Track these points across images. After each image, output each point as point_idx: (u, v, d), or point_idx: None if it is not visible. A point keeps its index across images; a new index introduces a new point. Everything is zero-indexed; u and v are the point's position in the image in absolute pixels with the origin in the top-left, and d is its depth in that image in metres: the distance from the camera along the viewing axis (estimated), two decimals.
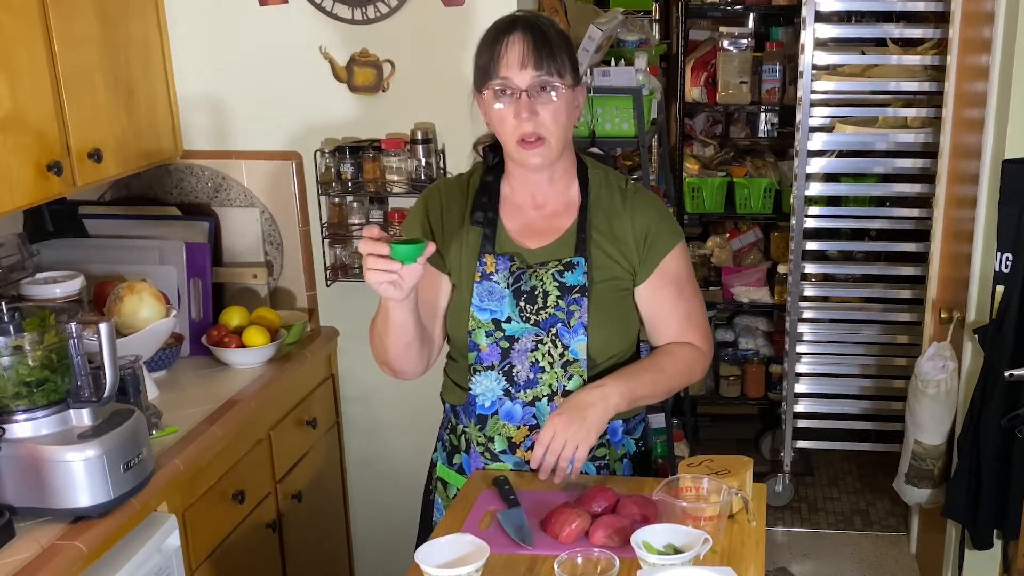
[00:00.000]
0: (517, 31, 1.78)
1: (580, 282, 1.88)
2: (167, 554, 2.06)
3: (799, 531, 3.86)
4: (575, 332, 1.89)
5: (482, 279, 1.90)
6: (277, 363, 2.68)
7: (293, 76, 2.82)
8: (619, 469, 2.02)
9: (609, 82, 3.05)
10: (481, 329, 1.91)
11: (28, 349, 1.86)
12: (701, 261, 4.53)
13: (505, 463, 1.96)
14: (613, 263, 1.91)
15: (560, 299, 1.88)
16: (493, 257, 1.90)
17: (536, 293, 1.89)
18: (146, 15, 2.68)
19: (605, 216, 1.91)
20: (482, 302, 1.90)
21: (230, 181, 2.89)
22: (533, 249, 1.92)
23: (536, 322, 1.89)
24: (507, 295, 1.89)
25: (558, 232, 1.92)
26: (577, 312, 1.88)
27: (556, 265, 1.89)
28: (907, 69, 3.56)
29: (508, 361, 1.91)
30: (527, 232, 1.93)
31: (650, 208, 1.93)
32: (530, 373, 1.91)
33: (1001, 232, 2.66)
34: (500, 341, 1.91)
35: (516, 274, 1.89)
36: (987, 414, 2.73)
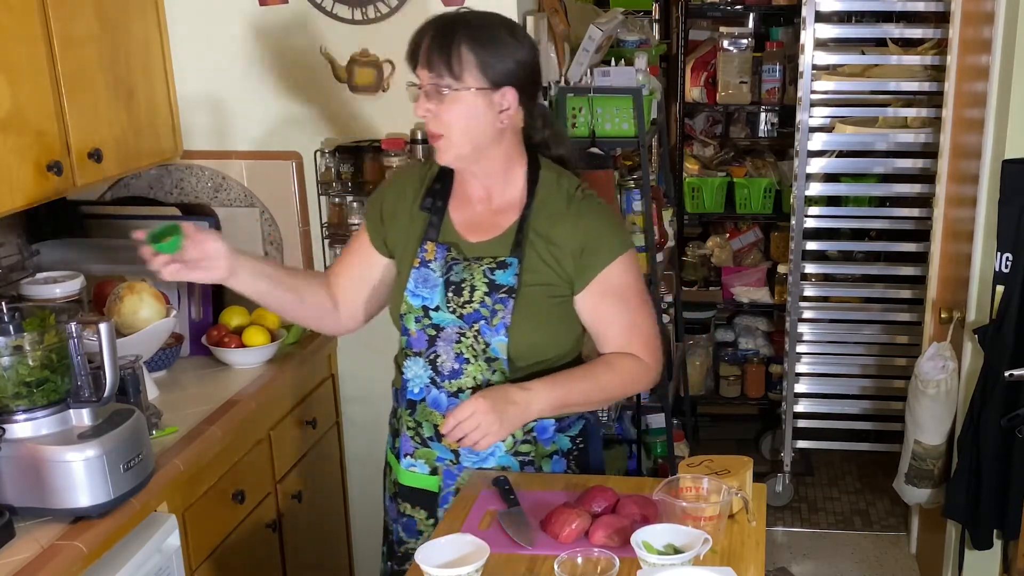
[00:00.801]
0: (428, 31, 1.84)
1: (509, 283, 1.89)
2: (167, 554, 2.06)
3: (799, 531, 3.86)
4: (496, 331, 1.90)
5: (420, 265, 1.94)
6: (277, 363, 2.68)
7: (293, 76, 2.82)
8: (547, 466, 2.02)
9: (609, 82, 3.05)
10: (411, 314, 1.95)
11: (28, 349, 1.86)
12: (701, 261, 4.53)
13: (433, 450, 2.00)
14: (548, 268, 1.91)
15: (487, 296, 1.90)
16: (434, 245, 1.94)
17: (463, 286, 1.91)
18: (146, 15, 2.68)
19: (548, 220, 1.91)
20: (416, 288, 1.94)
21: (230, 181, 2.89)
22: (472, 242, 1.94)
23: (461, 315, 1.92)
24: (440, 284, 1.92)
25: (499, 229, 1.94)
26: (501, 312, 1.89)
27: (490, 262, 1.91)
28: (907, 69, 3.56)
29: (434, 349, 1.95)
30: (471, 225, 1.96)
31: (595, 218, 1.92)
32: (455, 364, 1.94)
33: (1001, 232, 2.66)
34: (427, 328, 1.94)
35: (450, 264, 1.92)
36: (987, 414, 2.73)
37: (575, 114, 3.05)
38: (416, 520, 2.07)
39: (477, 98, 1.83)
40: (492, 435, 1.80)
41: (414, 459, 2.03)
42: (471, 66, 1.81)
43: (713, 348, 4.57)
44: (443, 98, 1.82)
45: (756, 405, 4.61)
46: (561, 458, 2.04)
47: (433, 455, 2.01)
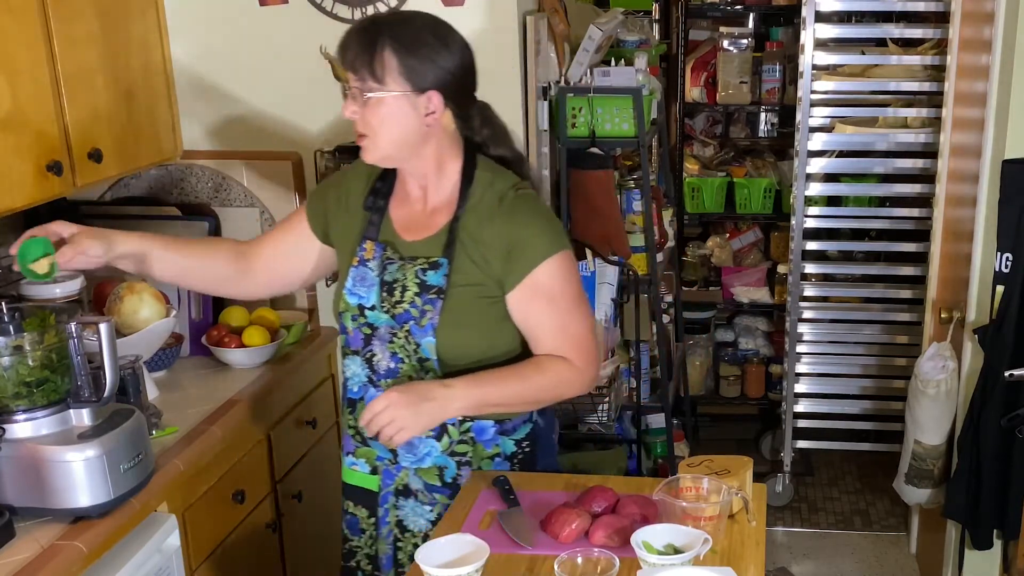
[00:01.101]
0: (352, 34, 1.84)
1: (439, 283, 1.90)
2: (167, 554, 2.06)
3: (799, 531, 3.86)
4: (425, 332, 1.90)
5: (359, 264, 1.96)
6: (277, 363, 2.68)
7: (293, 76, 2.82)
8: (488, 467, 2.01)
9: (609, 82, 3.06)
10: (348, 312, 1.97)
11: (28, 349, 1.86)
12: (701, 261, 4.53)
13: (373, 449, 2.01)
14: (477, 269, 1.90)
15: (417, 296, 1.90)
16: (372, 244, 1.96)
17: (396, 286, 1.92)
18: (146, 15, 2.68)
19: (479, 221, 1.91)
20: (354, 286, 1.96)
21: (230, 181, 2.89)
22: (408, 242, 1.95)
23: (393, 315, 1.92)
24: (376, 283, 1.94)
25: (433, 229, 1.94)
26: (430, 312, 1.89)
27: (422, 262, 1.92)
28: (907, 69, 3.56)
29: (370, 348, 1.96)
30: (408, 224, 1.97)
31: (525, 218, 1.90)
32: (391, 363, 1.94)
33: (1001, 232, 2.66)
34: (363, 327, 1.96)
35: (384, 263, 1.93)
36: (987, 414, 2.73)
37: (575, 114, 3.05)
38: (359, 518, 2.09)
39: (400, 102, 1.83)
40: (407, 429, 1.81)
41: (355, 458, 2.05)
42: (393, 71, 1.81)
43: (713, 348, 4.57)
44: (367, 101, 1.83)
45: (756, 405, 4.61)
46: (504, 461, 2.02)
47: (373, 454, 2.02)
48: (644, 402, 3.57)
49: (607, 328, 2.97)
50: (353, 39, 1.83)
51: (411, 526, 2.03)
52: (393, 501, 2.03)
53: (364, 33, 1.83)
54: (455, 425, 1.95)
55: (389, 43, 1.81)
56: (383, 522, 2.05)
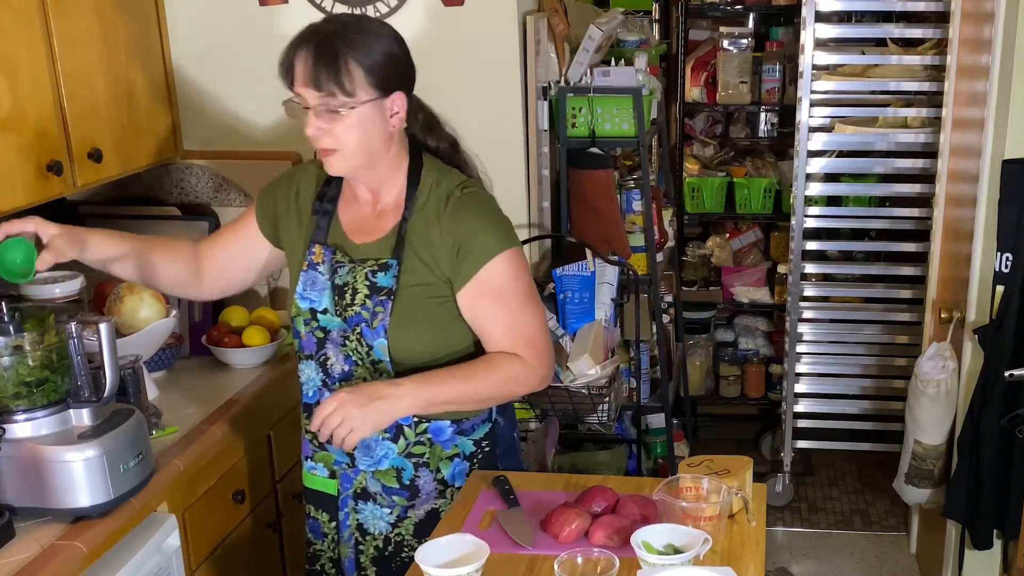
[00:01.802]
0: (303, 48, 1.78)
1: (389, 284, 1.89)
2: (167, 554, 2.06)
3: (799, 531, 3.86)
4: (376, 333, 1.90)
5: (308, 268, 1.95)
6: (277, 363, 2.68)
7: None
8: (446, 468, 2.00)
9: (609, 82, 3.05)
10: (300, 317, 1.97)
11: (28, 349, 1.86)
12: (701, 261, 4.53)
13: (331, 453, 2.01)
14: (425, 268, 1.90)
15: (368, 299, 1.90)
16: (322, 248, 1.95)
17: (346, 289, 1.91)
18: (146, 15, 2.68)
19: (425, 221, 1.90)
20: (304, 290, 1.95)
21: (230, 181, 2.89)
22: (357, 244, 1.94)
23: (345, 317, 1.92)
24: (327, 287, 1.93)
25: (382, 231, 1.93)
26: (380, 314, 1.89)
27: (372, 264, 1.91)
28: (907, 69, 3.56)
29: (323, 352, 1.96)
30: (357, 227, 1.96)
31: (472, 217, 1.90)
32: (344, 366, 1.95)
33: (1001, 232, 2.66)
34: (315, 331, 1.96)
35: (335, 267, 1.93)
36: (987, 414, 2.73)
37: (575, 114, 3.05)
38: (320, 522, 2.09)
39: (371, 110, 1.81)
40: (357, 430, 1.80)
41: (314, 462, 2.05)
42: (361, 79, 1.78)
43: (713, 348, 4.57)
44: (336, 116, 1.79)
45: (756, 405, 4.61)
46: (463, 461, 2.02)
47: (331, 458, 2.02)
48: (644, 402, 3.56)
49: (607, 328, 2.96)
50: (308, 52, 1.78)
51: (371, 529, 2.03)
52: (352, 505, 2.03)
53: (321, 45, 1.77)
54: (411, 426, 1.95)
55: (349, 52, 1.77)
56: (344, 526, 2.05)
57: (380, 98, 1.82)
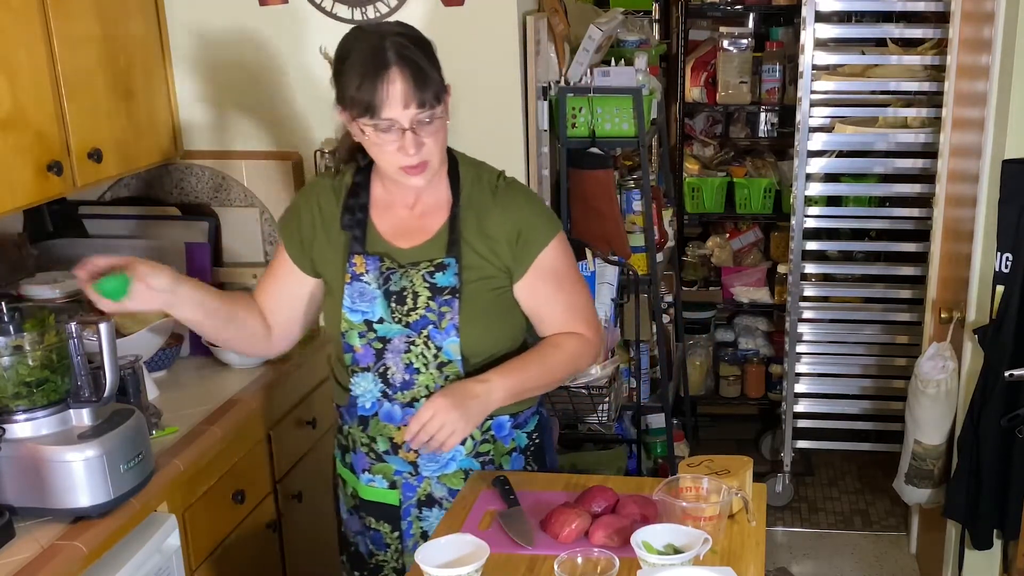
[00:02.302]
0: (393, 67, 1.73)
1: (451, 283, 1.88)
2: (167, 554, 2.06)
3: (799, 531, 3.86)
4: (447, 333, 1.89)
5: (352, 280, 1.91)
6: (277, 363, 2.67)
7: (293, 76, 2.82)
8: (507, 464, 2.02)
9: (609, 82, 3.05)
10: (354, 330, 1.92)
11: (28, 349, 1.86)
12: (701, 261, 4.53)
13: (390, 463, 1.99)
14: (485, 262, 1.90)
15: (431, 300, 1.88)
16: (363, 257, 1.91)
17: (405, 294, 1.89)
18: (146, 15, 2.68)
19: (476, 215, 1.91)
20: (353, 303, 1.91)
21: (230, 181, 2.89)
22: (404, 249, 1.92)
23: (407, 323, 1.90)
24: (378, 295, 1.90)
25: (429, 232, 1.92)
26: (448, 313, 1.88)
27: (427, 266, 1.89)
28: (907, 69, 3.56)
29: (383, 362, 1.92)
30: (398, 232, 1.93)
31: (522, 204, 1.92)
32: (405, 374, 1.92)
33: (1001, 232, 2.66)
34: (373, 342, 1.92)
35: (386, 274, 1.90)
36: (987, 414, 2.73)
37: (575, 114, 3.05)
38: (382, 533, 2.07)
39: (445, 109, 1.82)
40: (458, 432, 1.79)
41: (372, 474, 2.02)
42: (440, 82, 1.79)
43: (713, 348, 4.57)
44: (429, 128, 1.77)
45: (756, 405, 4.61)
46: (520, 455, 2.04)
47: (391, 469, 2.00)
48: (644, 402, 3.56)
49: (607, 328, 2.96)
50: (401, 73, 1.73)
51: None
52: (416, 513, 2.01)
53: (408, 63, 1.73)
54: (478, 426, 1.93)
55: (426, 61, 1.76)
56: (407, 535, 2.03)
57: (447, 94, 1.82)
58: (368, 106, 1.74)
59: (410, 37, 1.79)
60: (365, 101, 1.74)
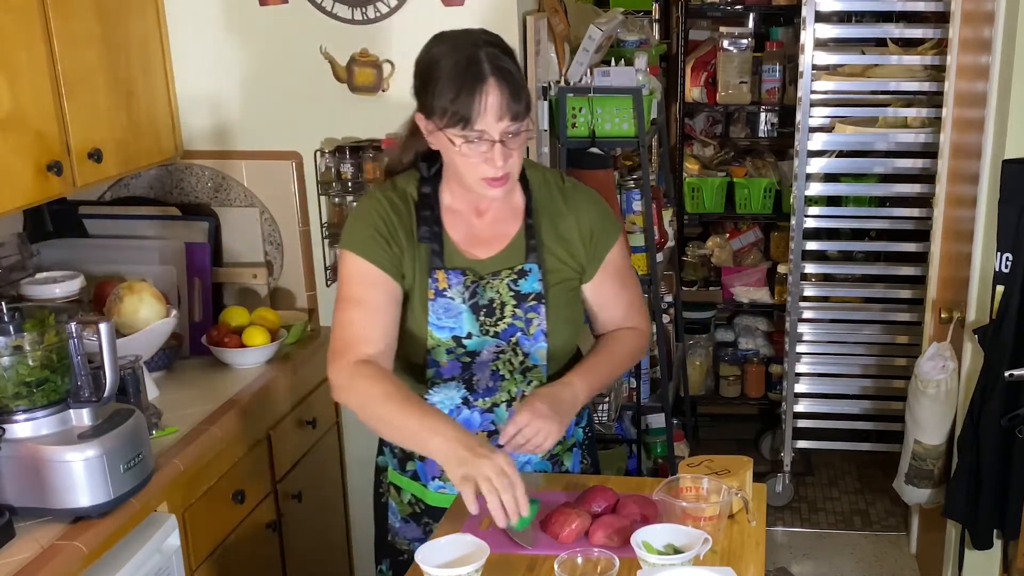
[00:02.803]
0: (490, 79, 1.69)
1: (536, 289, 1.88)
2: (167, 554, 2.06)
3: (799, 531, 3.86)
4: (535, 339, 1.89)
5: (436, 296, 1.86)
6: (277, 363, 2.68)
7: (293, 76, 2.82)
8: (568, 460, 2.03)
9: (609, 82, 3.05)
10: (441, 347, 1.88)
11: (28, 349, 1.86)
12: (701, 261, 4.53)
13: None
14: (563, 265, 1.91)
15: (517, 308, 1.88)
16: (444, 272, 1.86)
17: (494, 305, 1.88)
18: (146, 15, 2.68)
19: (550, 218, 1.91)
20: (439, 320, 1.87)
21: (230, 181, 2.89)
22: (483, 259, 1.89)
23: (496, 333, 1.88)
24: (464, 310, 1.87)
25: (505, 239, 1.90)
26: (536, 319, 1.88)
27: (509, 274, 1.88)
28: (907, 69, 3.56)
29: (469, 372, 1.91)
30: (473, 241, 1.90)
31: (592, 205, 1.94)
32: (490, 381, 1.91)
33: (1001, 232, 2.66)
34: (461, 356, 1.90)
35: (471, 288, 1.87)
36: (987, 414, 2.73)
37: (575, 114, 3.05)
38: None
39: (533, 126, 1.83)
40: (552, 435, 1.77)
41: (443, 481, 1.97)
42: (528, 93, 1.77)
43: (713, 348, 4.57)
44: (517, 141, 1.75)
45: (756, 405, 4.61)
46: (578, 450, 2.05)
47: None
48: (644, 402, 3.57)
49: None
50: (497, 88, 1.70)
51: None
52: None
53: (503, 75, 1.71)
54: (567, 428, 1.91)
55: (516, 72, 1.74)
56: None
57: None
58: (463, 118, 1.71)
59: (501, 47, 1.76)
60: (460, 113, 1.70)
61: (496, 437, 1.92)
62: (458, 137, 1.73)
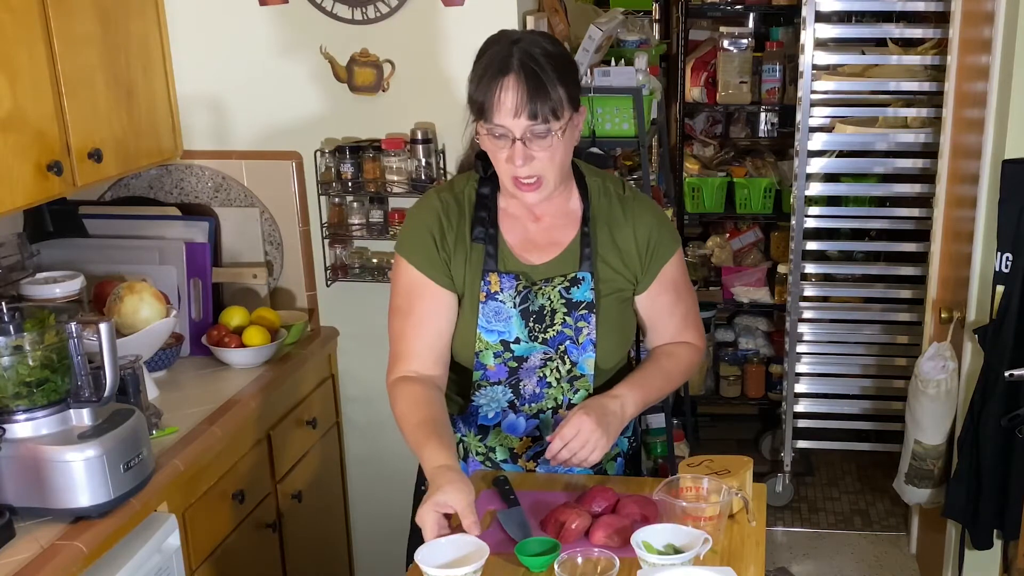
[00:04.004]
0: (511, 74, 1.69)
1: (587, 298, 1.87)
2: (167, 554, 2.06)
3: (799, 531, 3.86)
4: (584, 349, 1.88)
5: (487, 299, 1.86)
6: (277, 363, 2.68)
7: (293, 76, 2.82)
8: (611, 469, 2.03)
9: (609, 82, 3.05)
10: (489, 350, 1.88)
11: (28, 349, 1.86)
12: (701, 261, 4.53)
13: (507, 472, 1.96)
14: (617, 275, 1.90)
15: (567, 316, 1.87)
16: (497, 276, 1.86)
17: (544, 312, 1.87)
18: (146, 15, 2.68)
19: (607, 227, 1.89)
20: (489, 323, 1.87)
21: (230, 181, 2.89)
22: (537, 265, 1.88)
23: (544, 340, 1.88)
24: (514, 315, 1.86)
25: (560, 246, 1.89)
26: (585, 329, 1.87)
27: (562, 281, 1.87)
28: (907, 69, 3.56)
29: (516, 377, 1.90)
30: (528, 246, 1.89)
31: (651, 216, 1.92)
32: (537, 388, 1.91)
33: (1001, 232, 2.66)
34: (508, 361, 1.89)
35: (523, 293, 1.86)
36: (987, 414, 2.73)
37: None
38: None
39: (571, 127, 1.77)
40: (599, 448, 1.77)
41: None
42: (565, 99, 1.72)
43: (713, 348, 4.57)
44: (543, 144, 1.72)
45: (756, 405, 4.61)
46: (622, 459, 2.05)
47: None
48: None
49: None
50: (517, 84, 1.69)
51: None
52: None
53: (530, 73, 1.69)
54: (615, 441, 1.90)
55: (556, 75, 1.71)
56: None
57: (575, 115, 1.77)
58: (481, 108, 1.73)
59: (544, 49, 1.73)
60: (479, 103, 1.73)
61: (538, 445, 1.93)
62: (483, 129, 1.75)
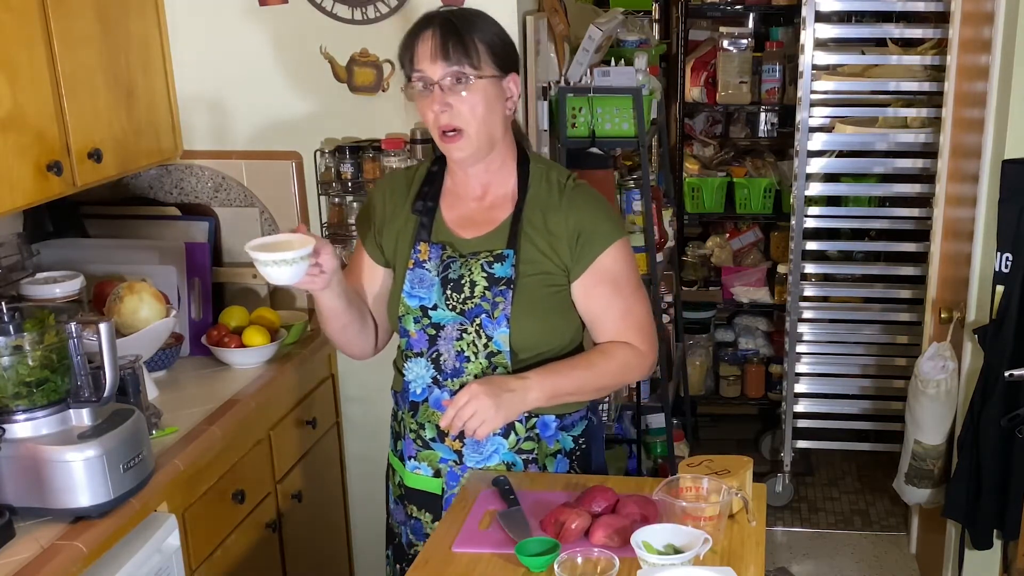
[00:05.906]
0: (430, 27, 1.83)
1: (507, 274, 1.90)
2: (167, 554, 2.06)
3: (799, 531, 3.86)
4: (498, 324, 1.90)
5: (415, 266, 1.95)
6: (277, 363, 2.68)
7: (293, 76, 2.83)
8: (551, 465, 2.02)
9: (609, 82, 3.05)
10: (410, 315, 1.96)
11: (28, 349, 1.86)
12: (701, 261, 4.53)
13: (436, 451, 2.00)
14: (544, 258, 1.92)
15: (487, 290, 1.91)
16: (427, 245, 1.95)
17: (463, 282, 1.92)
18: (146, 15, 2.68)
19: (541, 211, 1.93)
20: (412, 289, 1.95)
21: (230, 181, 2.89)
22: (467, 239, 1.95)
23: (461, 311, 1.92)
24: (436, 283, 1.93)
25: (494, 224, 1.95)
26: (501, 304, 1.90)
27: (486, 256, 1.92)
28: (907, 69, 3.56)
29: (435, 348, 1.95)
30: (464, 222, 1.97)
31: (587, 206, 1.94)
32: (456, 362, 1.94)
33: (1001, 232, 2.66)
34: (427, 328, 1.95)
35: (446, 262, 1.93)
36: (987, 414, 2.73)
37: (575, 114, 3.05)
38: (422, 522, 2.07)
39: (492, 86, 1.85)
40: (489, 421, 1.80)
41: (417, 461, 2.03)
42: (485, 54, 1.83)
43: (713, 348, 4.57)
44: (461, 89, 1.82)
45: (756, 405, 4.61)
46: (564, 458, 2.04)
47: (436, 457, 2.01)
48: (644, 402, 3.57)
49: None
50: (435, 29, 1.82)
51: None
52: None
53: (447, 22, 1.83)
54: (521, 422, 1.96)
55: (475, 28, 1.84)
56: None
57: (499, 77, 1.86)
58: (404, 63, 1.86)
59: (472, 13, 1.89)
60: (403, 54, 1.86)
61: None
62: (411, 88, 1.85)
